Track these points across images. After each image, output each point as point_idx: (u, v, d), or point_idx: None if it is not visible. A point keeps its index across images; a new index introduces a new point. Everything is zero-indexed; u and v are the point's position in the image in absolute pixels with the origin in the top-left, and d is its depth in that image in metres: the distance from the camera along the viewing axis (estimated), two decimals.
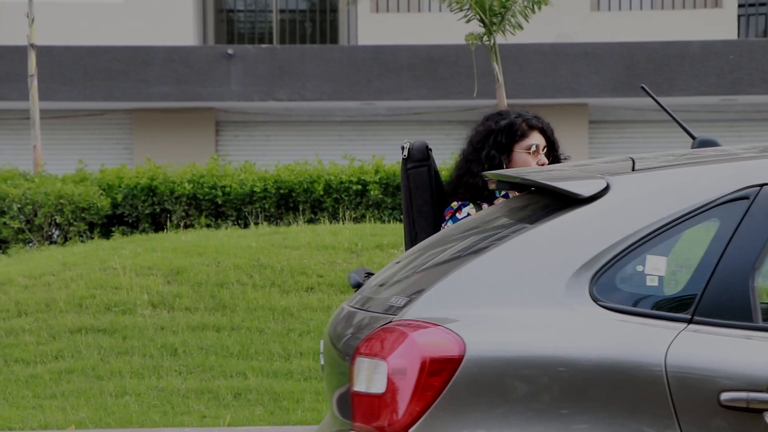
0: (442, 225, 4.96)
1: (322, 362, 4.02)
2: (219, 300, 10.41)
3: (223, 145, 20.19)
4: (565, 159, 5.10)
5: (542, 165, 4.95)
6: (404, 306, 3.45)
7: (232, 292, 10.52)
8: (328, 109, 20.18)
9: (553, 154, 5.05)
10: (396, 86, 19.33)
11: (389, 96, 19.40)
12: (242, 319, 10.16)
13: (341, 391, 3.63)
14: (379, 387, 3.36)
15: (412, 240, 5.02)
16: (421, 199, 5.00)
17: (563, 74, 19.21)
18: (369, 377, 3.39)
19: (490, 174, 3.99)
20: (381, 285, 3.85)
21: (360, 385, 3.41)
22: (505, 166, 4.95)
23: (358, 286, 4.12)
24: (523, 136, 4.97)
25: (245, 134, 20.34)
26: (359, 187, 14.37)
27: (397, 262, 4.00)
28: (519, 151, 4.96)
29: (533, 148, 4.96)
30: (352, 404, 3.44)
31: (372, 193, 14.30)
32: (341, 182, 14.42)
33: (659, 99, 4.74)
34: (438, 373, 3.29)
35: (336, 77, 19.32)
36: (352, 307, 3.86)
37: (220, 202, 14.41)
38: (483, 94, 17.60)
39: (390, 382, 3.32)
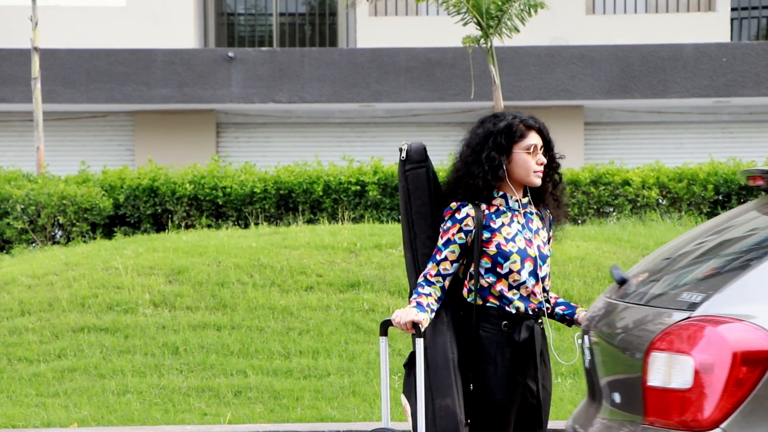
0: (441, 225, 4.96)
1: (589, 356, 3.95)
2: (219, 299, 10.43)
3: (224, 146, 20.18)
4: (560, 158, 5.12)
5: (541, 164, 5.00)
6: (701, 302, 3.39)
7: (233, 291, 10.53)
8: (327, 110, 20.17)
9: (549, 154, 5.07)
10: (394, 88, 19.33)
11: (387, 98, 19.39)
12: (242, 318, 10.17)
13: (619, 384, 3.57)
14: (680, 382, 3.29)
15: (411, 240, 5.03)
16: (420, 200, 5.01)
17: (559, 76, 19.22)
18: (667, 372, 3.32)
19: (755, 171, 3.85)
20: (656, 281, 3.79)
21: (656, 380, 3.35)
22: (505, 167, 4.95)
23: (623, 281, 4.03)
24: (522, 136, 4.99)
25: (245, 136, 20.30)
26: (358, 187, 14.38)
27: (666, 258, 3.93)
28: (518, 152, 4.98)
29: (532, 148, 4.99)
30: (644, 399, 3.38)
31: (370, 193, 14.32)
32: (340, 183, 14.42)
33: (653, 101, 4.80)
34: (750, 368, 3.21)
35: (335, 79, 19.33)
36: (625, 302, 3.79)
37: (220, 203, 14.42)
38: (480, 96, 17.72)
39: (697, 378, 3.24)
